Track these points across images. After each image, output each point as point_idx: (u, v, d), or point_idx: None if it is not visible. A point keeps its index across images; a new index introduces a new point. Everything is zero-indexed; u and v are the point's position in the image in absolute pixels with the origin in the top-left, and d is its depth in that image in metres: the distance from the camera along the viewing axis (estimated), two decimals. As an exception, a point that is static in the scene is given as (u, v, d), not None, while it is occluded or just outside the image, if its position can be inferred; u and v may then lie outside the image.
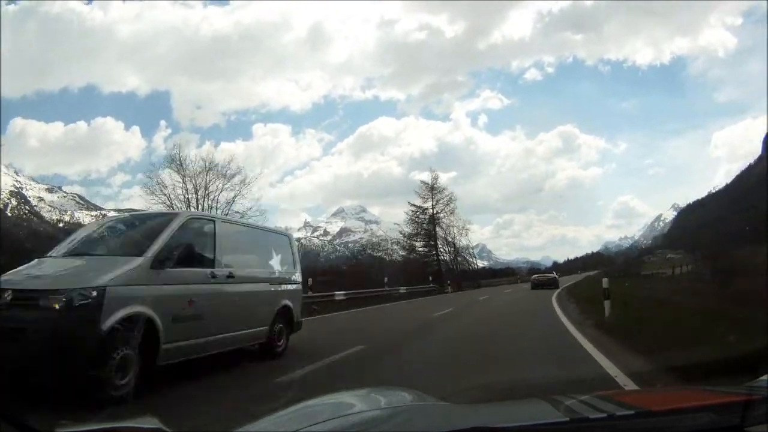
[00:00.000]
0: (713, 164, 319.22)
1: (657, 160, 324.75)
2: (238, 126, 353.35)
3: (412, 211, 48.37)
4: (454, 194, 50.28)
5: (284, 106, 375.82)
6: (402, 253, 55.45)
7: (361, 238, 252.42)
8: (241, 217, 25.18)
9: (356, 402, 1.82)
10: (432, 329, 10.98)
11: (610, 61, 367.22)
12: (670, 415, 1.26)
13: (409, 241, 50.02)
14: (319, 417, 1.57)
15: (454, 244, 48.63)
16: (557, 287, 27.96)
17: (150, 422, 1.44)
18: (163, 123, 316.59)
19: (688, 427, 1.18)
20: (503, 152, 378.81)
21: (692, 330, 6.27)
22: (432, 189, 47.92)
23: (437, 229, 47.99)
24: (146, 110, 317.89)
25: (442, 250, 48.45)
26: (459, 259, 49.48)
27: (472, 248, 52.70)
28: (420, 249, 49.39)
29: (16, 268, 5.10)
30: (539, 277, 32.55)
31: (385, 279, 33.17)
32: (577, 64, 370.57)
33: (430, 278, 39.47)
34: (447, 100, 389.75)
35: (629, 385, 4.57)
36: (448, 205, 48.41)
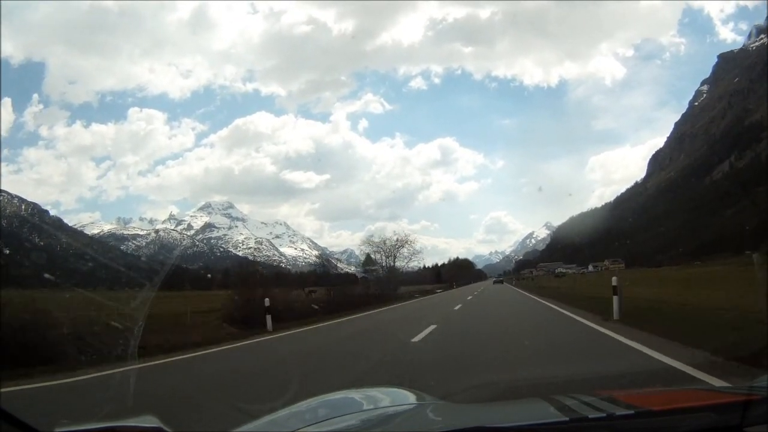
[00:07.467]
0: (588, 186, 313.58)
1: (532, 179, 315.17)
2: (113, 108, 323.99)
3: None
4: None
5: (162, 91, 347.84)
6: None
7: (225, 235, 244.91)
8: None
9: (356, 402, 1.82)
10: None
11: (498, 78, 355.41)
12: (670, 415, 1.26)
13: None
14: (318, 417, 1.57)
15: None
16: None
17: (150, 422, 1.45)
18: (35, 97, 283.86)
19: (689, 427, 1.18)
20: (380, 159, 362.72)
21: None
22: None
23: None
24: (19, 81, 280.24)
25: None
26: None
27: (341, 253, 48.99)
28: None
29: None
30: (497, 279, 78.52)
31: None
32: (465, 77, 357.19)
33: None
34: (328, 99, 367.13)
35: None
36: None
